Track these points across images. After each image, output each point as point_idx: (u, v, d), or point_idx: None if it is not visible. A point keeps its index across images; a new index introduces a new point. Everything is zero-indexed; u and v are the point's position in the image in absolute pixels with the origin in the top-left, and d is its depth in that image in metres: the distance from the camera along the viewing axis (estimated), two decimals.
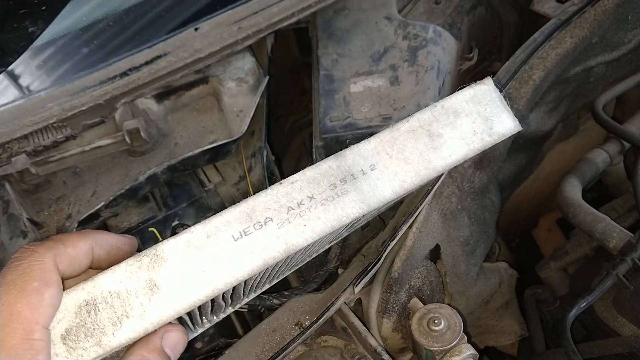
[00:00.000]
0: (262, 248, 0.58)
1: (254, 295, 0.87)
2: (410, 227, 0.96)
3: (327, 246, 0.97)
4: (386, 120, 1.03)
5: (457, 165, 0.67)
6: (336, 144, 1.04)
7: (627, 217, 1.21)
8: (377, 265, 0.94)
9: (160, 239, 1.04)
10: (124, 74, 1.06)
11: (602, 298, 1.04)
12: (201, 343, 1.07)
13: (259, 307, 0.99)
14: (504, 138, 0.67)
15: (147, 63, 1.07)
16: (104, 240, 0.60)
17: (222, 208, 1.10)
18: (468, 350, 0.88)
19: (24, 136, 1.04)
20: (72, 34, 1.13)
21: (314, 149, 1.05)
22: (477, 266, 1.13)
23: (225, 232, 0.58)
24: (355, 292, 0.94)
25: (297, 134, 1.51)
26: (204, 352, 1.06)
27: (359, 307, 1.00)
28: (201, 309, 0.71)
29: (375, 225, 1.09)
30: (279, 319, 0.95)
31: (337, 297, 0.91)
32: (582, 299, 1.00)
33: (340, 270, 1.03)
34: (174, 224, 1.06)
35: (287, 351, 0.88)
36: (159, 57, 1.07)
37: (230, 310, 0.83)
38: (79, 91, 1.05)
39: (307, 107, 1.51)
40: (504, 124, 0.66)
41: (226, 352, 0.93)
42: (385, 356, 0.90)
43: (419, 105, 1.03)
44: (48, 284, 0.53)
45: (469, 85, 0.68)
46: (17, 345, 0.51)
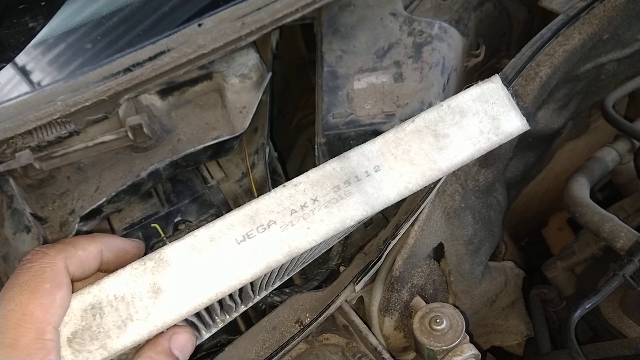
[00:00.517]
0: (265, 251, 0.58)
1: (265, 293, 0.87)
2: (412, 225, 0.95)
3: (335, 242, 0.96)
4: (389, 117, 1.02)
5: (465, 164, 0.66)
6: (339, 141, 1.03)
7: (636, 216, 1.19)
8: (378, 263, 0.93)
9: (163, 235, 1.04)
10: (128, 69, 1.06)
11: (609, 299, 1.02)
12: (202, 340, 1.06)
13: (260, 305, 0.99)
14: (512, 137, 0.66)
15: (150, 59, 1.07)
16: (113, 243, 0.62)
17: (225, 205, 1.11)
18: (470, 350, 0.87)
19: (28, 131, 1.04)
20: (76, 30, 1.13)
21: (316, 146, 1.04)
22: (482, 265, 1.12)
23: (229, 236, 0.58)
24: (356, 290, 0.94)
25: (303, 131, 1.50)
26: (206, 348, 1.06)
27: (360, 305, 0.99)
28: (210, 310, 0.71)
29: (379, 223, 1.08)
30: (280, 316, 0.95)
31: (338, 295, 0.91)
32: (588, 299, 0.98)
33: (342, 268, 1.03)
34: (176, 220, 1.06)
35: (286, 349, 0.88)
36: (162, 53, 1.07)
37: (242, 309, 0.83)
38: (82, 87, 1.06)
39: (314, 104, 1.49)
40: (511, 123, 0.65)
41: (226, 349, 0.93)
42: (386, 355, 0.89)
43: (422, 102, 1.02)
44: (59, 285, 0.55)
45: (476, 83, 0.67)
46: (30, 345, 0.52)
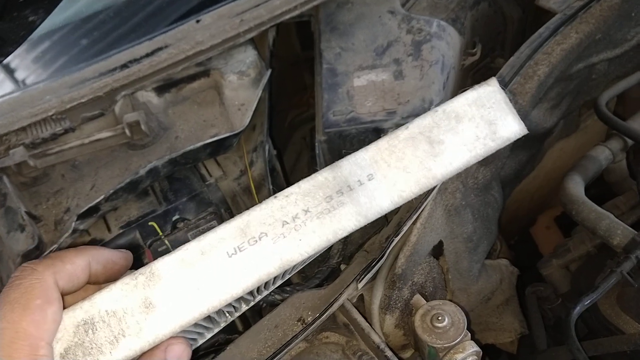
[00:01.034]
0: (257, 264, 0.58)
1: (266, 292, 0.86)
2: (414, 222, 0.95)
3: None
4: (390, 115, 1.02)
5: (460, 171, 0.65)
6: (339, 139, 1.03)
7: (630, 214, 1.20)
8: (382, 261, 0.93)
9: (161, 233, 1.03)
10: (124, 65, 1.05)
11: (606, 296, 1.03)
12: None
13: (261, 303, 0.98)
14: (509, 142, 0.65)
15: (147, 55, 1.06)
16: (100, 255, 0.62)
17: (223, 202, 1.10)
18: (472, 348, 0.87)
19: (22, 128, 1.02)
20: (72, 25, 1.11)
21: (317, 144, 1.04)
22: (479, 263, 1.13)
23: (220, 249, 0.58)
24: (359, 288, 0.93)
25: (297, 129, 1.50)
26: (204, 348, 1.05)
27: (361, 304, 0.99)
28: (209, 317, 0.70)
29: (378, 221, 1.07)
30: (281, 314, 0.94)
31: (341, 293, 0.90)
32: (586, 296, 0.99)
33: (342, 266, 1.02)
34: (174, 219, 1.05)
35: (289, 347, 0.87)
36: (160, 49, 1.06)
37: (244, 309, 0.82)
38: (78, 83, 1.04)
39: (307, 102, 1.49)
40: (508, 127, 0.64)
41: (228, 347, 0.92)
42: (389, 353, 0.89)
43: (423, 100, 1.02)
44: (50, 301, 0.55)
45: (472, 87, 0.66)
46: None
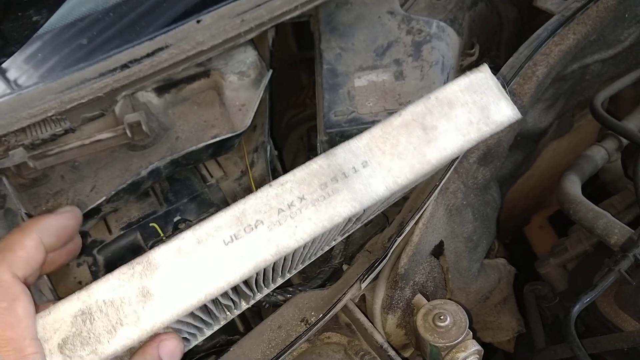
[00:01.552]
0: (254, 251, 0.58)
1: (266, 291, 0.86)
2: (416, 222, 0.95)
3: (333, 243, 0.96)
4: None
5: (455, 157, 0.66)
6: (341, 139, 1.03)
7: (626, 213, 1.22)
8: (384, 261, 0.93)
9: (162, 235, 1.03)
10: (125, 66, 1.04)
11: (604, 294, 1.04)
12: (202, 340, 1.05)
13: (263, 304, 0.98)
14: (503, 127, 0.65)
15: (148, 55, 1.05)
16: (48, 227, 0.60)
17: (224, 203, 1.09)
18: (474, 346, 0.88)
19: (21, 129, 1.01)
20: (72, 24, 1.10)
21: (318, 144, 1.04)
22: (478, 262, 1.13)
23: (216, 237, 0.58)
24: (362, 288, 0.94)
25: (294, 129, 1.50)
26: (205, 349, 1.05)
27: (362, 303, 0.99)
28: (207, 309, 0.70)
29: (379, 221, 1.08)
30: (284, 315, 0.94)
31: (344, 293, 0.91)
32: (585, 294, 1.00)
33: (345, 267, 1.03)
34: (175, 219, 1.05)
35: (293, 347, 0.87)
36: (160, 49, 1.05)
37: (244, 307, 0.82)
38: (78, 83, 1.03)
39: (304, 103, 1.50)
40: (501, 112, 0.65)
41: (231, 349, 0.92)
42: (391, 352, 0.89)
43: None
44: (15, 298, 0.54)
45: (464, 74, 0.67)
46: None
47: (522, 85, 1.08)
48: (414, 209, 0.95)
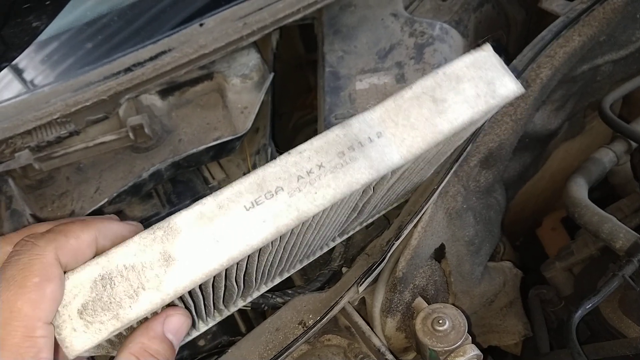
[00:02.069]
0: (275, 216, 0.58)
1: (265, 288, 0.87)
2: (415, 226, 0.95)
3: (332, 244, 0.96)
4: None
5: (464, 129, 0.67)
6: None
7: (634, 217, 1.20)
8: (382, 264, 0.93)
9: None
10: (128, 69, 1.06)
11: (608, 299, 1.03)
12: (204, 341, 1.06)
13: (263, 306, 0.99)
14: (508, 100, 0.67)
15: (151, 59, 1.06)
16: (109, 229, 0.59)
17: None
18: (472, 351, 0.87)
19: (27, 131, 1.03)
20: (77, 28, 1.12)
21: None
22: (481, 266, 1.13)
23: (237, 203, 0.57)
24: (359, 291, 0.94)
25: (301, 131, 1.50)
26: (207, 349, 1.06)
27: (362, 307, 0.99)
28: (213, 295, 0.70)
29: (380, 223, 1.08)
30: (283, 317, 0.94)
31: (341, 297, 0.91)
32: (588, 300, 0.99)
33: (344, 269, 1.03)
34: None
35: (290, 350, 0.88)
36: (163, 52, 1.07)
37: (241, 303, 0.82)
38: (82, 87, 1.04)
39: (311, 104, 1.50)
40: (506, 86, 0.67)
41: (229, 350, 0.93)
42: (389, 356, 0.89)
43: None
44: (49, 279, 0.52)
45: (468, 52, 0.68)
46: (19, 344, 0.50)
47: (525, 88, 1.07)
48: (412, 213, 0.94)
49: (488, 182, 1.08)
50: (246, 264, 0.68)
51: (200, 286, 0.62)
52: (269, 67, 1.15)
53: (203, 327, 0.82)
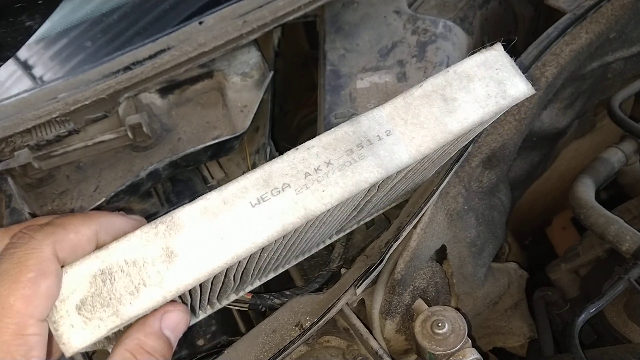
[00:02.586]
0: (281, 214, 0.57)
1: (258, 283, 0.86)
2: (414, 227, 0.94)
3: (329, 241, 0.95)
4: None
5: (473, 129, 0.66)
6: None
7: None
8: (380, 266, 0.92)
9: None
10: (128, 68, 1.05)
11: (613, 303, 1.01)
12: (203, 340, 1.06)
13: (260, 307, 0.98)
14: (519, 101, 0.66)
15: (150, 57, 1.06)
16: (110, 224, 0.57)
17: None
18: (472, 355, 0.86)
19: (26, 130, 1.03)
20: (75, 27, 1.12)
21: None
22: (484, 267, 1.11)
23: (243, 199, 0.56)
24: (357, 293, 0.93)
25: (305, 129, 1.49)
26: (206, 349, 1.05)
27: (362, 308, 0.98)
28: (210, 290, 0.70)
29: (380, 224, 1.07)
30: (279, 319, 0.94)
31: (339, 299, 0.90)
32: (592, 304, 0.97)
33: (343, 270, 1.02)
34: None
35: (286, 352, 0.87)
36: (162, 51, 1.06)
37: (233, 297, 0.82)
38: (82, 85, 1.04)
39: (316, 102, 1.48)
40: (517, 87, 0.65)
41: (226, 351, 0.92)
42: (387, 359, 0.88)
43: None
44: (45, 274, 0.51)
45: (478, 50, 0.67)
46: (9, 342, 0.49)
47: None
48: (411, 214, 0.93)
49: (491, 182, 1.06)
50: (247, 261, 0.67)
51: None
52: (270, 65, 1.14)
53: (193, 320, 0.81)
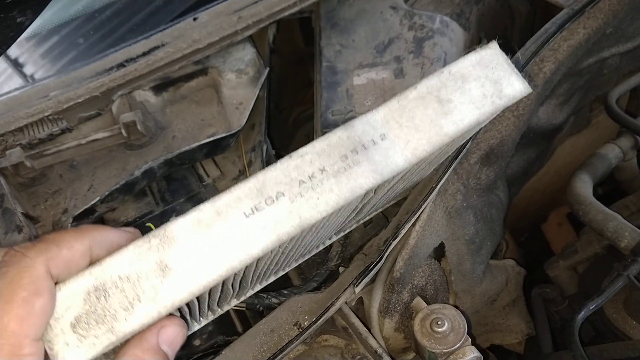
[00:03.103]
0: (276, 223, 0.56)
1: (259, 287, 0.85)
2: (413, 225, 0.93)
3: (328, 242, 0.94)
4: None
5: (469, 131, 0.65)
6: None
7: None
8: (379, 265, 0.91)
9: None
10: (121, 65, 1.04)
11: (612, 300, 1.01)
12: (199, 340, 1.05)
13: (258, 306, 0.97)
14: (515, 101, 0.65)
15: (144, 54, 1.04)
16: (104, 238, 0.56)
17: None
18: (472, 353, 0.85)
19: (18, 129, 1.01)
20: (68, 24, 1.10)
21: None
22: (483, 264, 1.10)
23: (236, 209, 0.55)
24: (356, 292, 0.92)
25: (301, 126, 1.48)
26: (202, 349, 1.04)
27: (360, 306, 0.97)
28: (209, 299, 0.69)
29: (378, 222, 1.06)
30: (278, 318, 0.93)
31: (337, 298, 0.89)
32: (591, 300, 0.97)
33: (341, 269, 1.01)
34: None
35: (285, 352, 0.86)
36: (156, 47, 1.05)
37: (234, 302, 0.81)
38: (74, 83, 1.03)
39: (312, 99, 1.46)
40: (513, 86, 0.65)
41: (223, 352, 0.91)
42: (386, 358, 0.88)
43: None
44: (38, 293, 0.50)
45: (474, 50, 0.66)
46: None
47: (528, 82, 1.04)
48: (410, 212, 0.92)
49: (489, 179, 1.06)
50: (244, 271, 0.66)
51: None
52: (266, 62, 1.13)
53: (196, 327, 0.81)
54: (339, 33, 1.12)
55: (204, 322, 0.82)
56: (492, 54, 0.65)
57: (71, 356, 0.51)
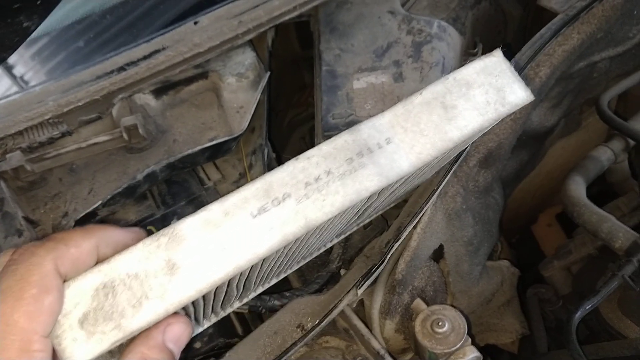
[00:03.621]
0: (282, 224, 0.57)
1: (261, 289, 0.86)
2: (414, 227, 0.94)
3: (329, 244, 0.95)
4: None
5: (472, 137, 0.66)
6: None
7: (632, 216, 1.20)
8: (381, 267, 0.92)
9: None
10: (122, 68, 1.04)
11: (607, 299, 1.03)
12: (200, 343, 1.05)
13: (260, 308, 0.98)
14: (518, 108, 0.66)
15: (145, 57, 1.04)
16: (110, 237, 0.57)
17: None
18: (472, 353, 0.86)
19: (18, 132, 1.01)
20: (68, 27, 1.10)
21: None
22: (480, 265, 1.12)
23: (243, 209, 0.56)
24: (359, 294, 0.93)
25: (296, 129, 1.49)
26: (203, 352, 1.05)
27: (361, 308, 0.98)
28: (213, 300, 0.69)
29: (378, 224, 1.07)
30: (281, 320, 0.94)
31: (340, 300, 0.90)
32: (587, 300, 0.99)
33: (342, 271, 1.02)
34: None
35: (288, 354, 0.87)
36: (157, 51, 1.05)
37: (237, 305, 0.81)
38: (75, 86, 1.02)
39: (306, 102, 1.48)
40: (516, 94, 0.66)
41: (227, 354, 0.92)
42: (389, 359, 0.89)
43: None
44: (47, 290, 0.51)
45: (478, 57, 0.67)
46: (15, 358, 0.49)
47: None
48: (411, 214, 0.93)
49: (487, 181, 1.07)
50: (249, 271, 0.67)
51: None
52: (265, 66, 1.14)
53: (198, 330, 0.81)
54: (338, 37, 1.13)
55: (206, 325, 0.83)
56: (496, 62, 0.67)
57: (79, 352, 0.52)
